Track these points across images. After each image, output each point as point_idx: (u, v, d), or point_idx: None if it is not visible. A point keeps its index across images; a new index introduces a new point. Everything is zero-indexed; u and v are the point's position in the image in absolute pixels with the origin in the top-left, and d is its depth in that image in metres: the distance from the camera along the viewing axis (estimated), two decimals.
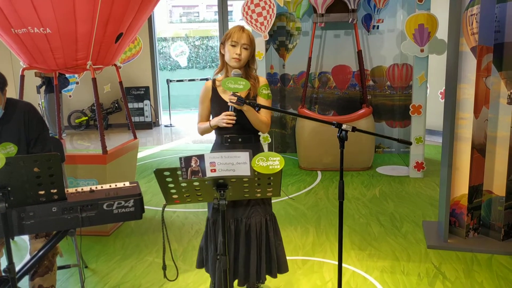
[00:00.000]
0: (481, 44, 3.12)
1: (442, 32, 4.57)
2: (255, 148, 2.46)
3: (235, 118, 2.34)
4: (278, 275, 2.55)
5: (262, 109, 2.40)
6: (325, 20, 5.59)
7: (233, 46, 2.39)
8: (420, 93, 5.06)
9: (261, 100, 2.47)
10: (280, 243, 2.56)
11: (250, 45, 2.43)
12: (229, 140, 2.46)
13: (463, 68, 3.22)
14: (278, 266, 2.54)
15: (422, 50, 4.92)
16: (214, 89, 2.49)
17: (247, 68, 2.48)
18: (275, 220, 2.56)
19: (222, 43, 2.46)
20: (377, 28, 6.09)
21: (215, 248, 2.47)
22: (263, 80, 2.51)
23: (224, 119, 2.34)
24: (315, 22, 5.66)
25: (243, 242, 2.47)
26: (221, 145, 2.49)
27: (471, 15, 3.13)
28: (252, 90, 2.46)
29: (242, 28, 2.43)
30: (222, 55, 2.48)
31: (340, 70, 6.22)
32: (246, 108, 2.35)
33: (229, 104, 2.33)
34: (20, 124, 2.43)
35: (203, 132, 2.54)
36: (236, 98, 2.29)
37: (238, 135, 2.46)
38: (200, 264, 2.65)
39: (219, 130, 2.47)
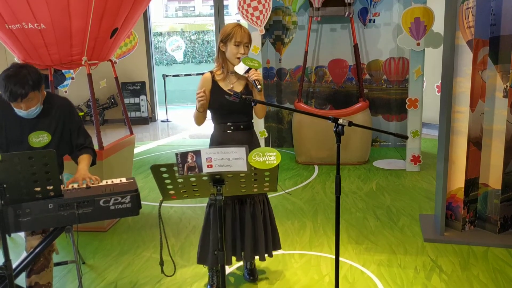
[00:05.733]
0: (477, 37, 3.12)
1: (438, 26, 4.57)
2: (254, 134, 2.65)
3: (203, 94, 2.47)
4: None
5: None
6: (321, 14, 5.57)
7: (237, 45, 2.49)
8: (416, 87, 5.06)
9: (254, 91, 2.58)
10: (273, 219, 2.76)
11: (251, 43, 2.56)
12: (232, 127, 2.57)
13: (459, 61, 3.22)
14: (274, 242, 2.73)
15: (418, 44, 4.91)
16: (215, 82, 2.58)
17: None
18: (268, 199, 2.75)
19: (223, 42, 2.53)
20: (373, 21, 6.07)
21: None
22: None
23: (198, 96, 2.48)
24: (311, 16, 5.63)
25: (249, 220, 2.59)
26: (223, 133, 2.59)
27: (467, 8, 3.12)
28: (248, 82, 2.60)
29: (241, 27, 2.53)
30: (223, 53, 2.56)
31: (337, 64, 6.21)
32: (258, 93, 2.48)
33: (230, 92, 2.45)
34: (59, 118, 2.49)
35: (196, 119, 2.61)
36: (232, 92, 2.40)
37: (240, 122, 2.58)
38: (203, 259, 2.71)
39: (220, 118, 2.58)
